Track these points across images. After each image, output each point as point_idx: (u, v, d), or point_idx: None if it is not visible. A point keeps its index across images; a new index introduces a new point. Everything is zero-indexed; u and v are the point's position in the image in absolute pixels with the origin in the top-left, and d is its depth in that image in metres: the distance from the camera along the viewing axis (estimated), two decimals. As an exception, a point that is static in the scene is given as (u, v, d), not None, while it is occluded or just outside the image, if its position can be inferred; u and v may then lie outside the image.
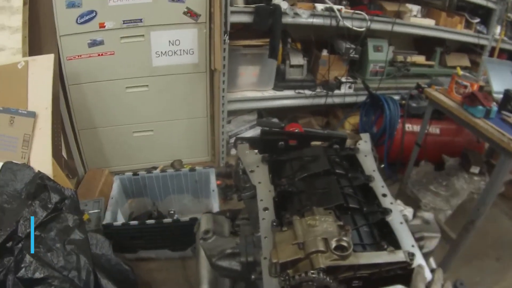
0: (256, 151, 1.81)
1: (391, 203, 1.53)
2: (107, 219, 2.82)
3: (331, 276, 1.16)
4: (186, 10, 3.25)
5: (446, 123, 3.96)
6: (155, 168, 3.53)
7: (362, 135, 1.92)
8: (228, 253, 1.42)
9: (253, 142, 1.86)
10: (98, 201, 3.08)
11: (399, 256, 1.24)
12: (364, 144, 1.86)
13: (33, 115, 2.52)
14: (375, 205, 1.52)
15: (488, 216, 3.43)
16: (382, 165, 4.03)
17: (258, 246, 1.38)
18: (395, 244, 1.34)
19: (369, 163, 1.75)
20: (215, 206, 2.92)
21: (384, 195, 1.56)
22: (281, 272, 1.19)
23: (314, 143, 1.88)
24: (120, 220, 2.94)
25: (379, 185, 1.62)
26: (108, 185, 3.30)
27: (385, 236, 1.41)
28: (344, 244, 1.18)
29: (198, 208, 3.30)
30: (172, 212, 3.12)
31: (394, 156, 3.95)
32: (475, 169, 3.89)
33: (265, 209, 1.46)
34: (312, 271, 1.12)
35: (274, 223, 1.36)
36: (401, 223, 1.44)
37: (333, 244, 1.17)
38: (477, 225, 2.94)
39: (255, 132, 4.05)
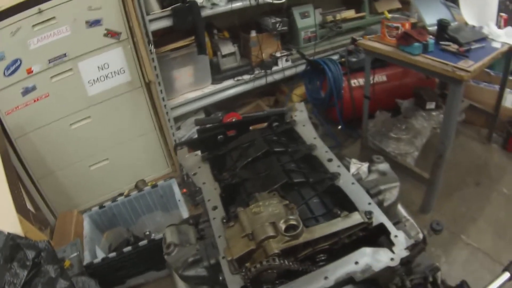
0: (197, 152, 1.79)
1: (338, 166, 1.52)
2: (87, 259, 2.78)
3: (290, 258, 1.15)
4: (105, 31, 3.19)
5: (391, 68, 3.98)
6: (121, 195, 3.48)
7: (297, 104, 1.92)
8: (191, 261, 1.39)
9: (193, 144, 1.84)
10: (75, 244, 3.03)
11: (355, 219, 1.24)
12: (300, 114, 1.85)
13: (-16, 180, 2.45)
14: (322, 172, 1.51)
15: (456, 145, 3.51)
16: (339, 127, 4.05)
17: (217, 246, 1.36)
18: (351, 207, 1.33)
19: (308, 132, 1.74)
20: (185, 215, 2.91)
21: (330, 160, 1.55)
22: (240, 267, 1.17)
23: (257, 126, 1.87)
24: (100, 256, 2.90)
25: (323, 151, 1.61)
26: (80, 225, 3.25)
27: (341, 202, 1.40)
28: (293, 222, 1.16)
29: (171, 222, 3.21)
30: (148, 233, 3.08)
31: (349, 114, 3.97)
32: (430, 105, 3.94)
33: (214, 208, 1.44)
34: (266, 259, 1.10)
35: (224, 220, 1.34)
36: (353, 183, 1.43)
37: (282, 226, 1.16)
38: (446, 158, 2.98)
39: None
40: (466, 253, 2.95)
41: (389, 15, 3.23)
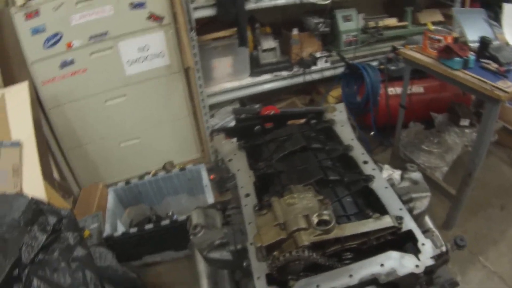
0: (234, 140, 1.81)
1: (373, 169, 1.52)
2: (107, 231, 2.84)
3: (319, 252, 1.16)
4: (148, 14, 3.22)
5: (429, 80, 3.95)
6: (147, 174, 3.53)
7: (337, 105, 1.92)
8: (217, 244, 1.42)
9: (229, 132, 1.86)
10: (97, 215, 3.09)
11: (386, 222, 1.24)
12: (340, 115, 1.86)
13: (18, 144, 2.52)
14: (356, 173, 1.52)
15: (486, 166, 3.44)
16: (372, 133, 4.03)
17: (246, 233, 1.38)
18: (382, 210, 1.34)
19: (346, 132, 1.75)
20: (210, 201, 2.93)
21: (365, 162, 1.56)
22: (268, 255, 1.18)
23: (294, 122, 1.88)
24: (121, 230, 2.95)
25: (359, 153, 1.61)
26: (104, 198, 3.30)
27: (372, 204, 1.41)
28: (326, 218, 1.17)
29: (196, 205, 3.24)
30: (170, 214, 3.13)
31: (383, 121, 3.95)
32: (464, 122, 3.90)
33: (247, 195, 1.46)
34: (296, 250, 1.11)
35: (256, 208, 1.35)
36: (386, 187, 1.43)
37: (315, 219, 1.17)
38: (475, 177, 2.94)
39: (238, 122, 4.03)
40: (482, 275, 2.91)
41: (432, 27, 3.20)
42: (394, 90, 3.87)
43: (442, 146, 3.79)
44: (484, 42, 2.97)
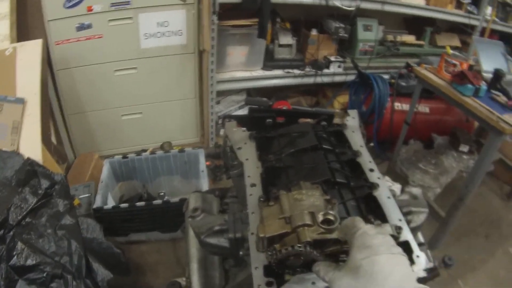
0: (244, 129, 1.81)
1: (378, 178, 1.53)
2: (98, 203, 2.83)
3: (318, 249, 1.16)
4: (174, -10, 3.21)
5: (435, 102, 3.98)
6: (144, 150, 3.52)
7: (350, 111, 1.92)
8: (216, 230, 1.41)
9: (241, 120, 1.86)
10: (88, 185, 3.08)
11: (386, 230, 1.25)
12: (352, 120, 1.86)
13: (21, 101, 2.51)
14: (362, 179, 1.52)
15: (477, 194, 3.49)
16: (372, 144, 4.05)
17: (246, 222, 1.37)
18: (383, 218, 1.34)
19: (356, 138, 1.75)
20: (205, 187, 2.94)
21: (372, 170, 1.56)
22: (268, 246, 1.19)
23: (302, 120, 1.88)
24: (111, 204, 2.94)
25: (367, 160, 1.62)
26: (98, 169, 3.30)
27: (373, 211, 1.42)
28: (331, 217, 1.17)
29: (188, 189, 3.29)
30: (162, 193, 3.13)
31: (384, 134, 3.98)
32: (464, 148, 3.93)
33: (253, 185, 1.46)
34: (299, 245, 1.12)
35: (261, 199, 1.35)
36: (389, 197, 1.44)
37: (320, 217, 1.17)
38: (465, 203, 2.99)
39: (244, 112, 4.01)
40: (460, 298, 2.96)
41: (451, 51, 3.22)
42: (401, 105, 3.91)
43: (438, 167, 3.82)
44: (498, 75, 3.01)
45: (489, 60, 3.36)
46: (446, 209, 3.16)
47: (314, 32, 3.98)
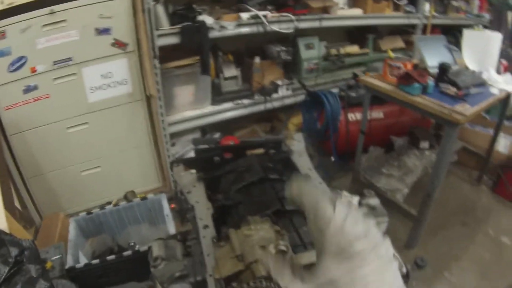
0: (193, 171, 1.82)
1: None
2: (69, 263, 2.77)
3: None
4: (113, 41, 3.22)
5: (388, 106, 4.04)
6: (109, 203, 3.48)
7: (295, 135, 1.96)
8: (177, 276, 1.43)
9: (189, 162, 1.87)
10: (59, 246, 3.01)
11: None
12: (298, 145, 1.89)
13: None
14: (313, 203, 1.54)
15: (446, 185, 3.56)
16: (332, 158, 4.06)
17: (205, 264, 1.38)
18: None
19: (303, 162, 1.78)
20: (171, 231, 2.90)
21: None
22: (227, 286, 1.19)
23: (249, 152, 1.90)
24: (83, 262, 2.89)
25: (317, 183, 1.65)
26: (65, 228, 3.23)
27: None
28: (283, 248, 1.19)
29: (157, 235, 3.22)
30: (132, 244, 3.09)
31: (343, 147, 4.00)
32: (424, 144, 4.01)
33: (205, 226, 1.47)
34: (254, 281, 1.12)
35: (214, 240, 1.37)
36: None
37: (272, 250, 1.18)
38: (434, 198, 3.04)
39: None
40: (448, 289, 2.99)
41: (393, 55, 3.29)
42: (355, 116, 3.94)
43: (402, 169, 3.87)
44: (443, 68, 3.09)
45: (433, 55, 3.45)
46: (418, 207, 3.20)
47: (257, 60, 3.99)
